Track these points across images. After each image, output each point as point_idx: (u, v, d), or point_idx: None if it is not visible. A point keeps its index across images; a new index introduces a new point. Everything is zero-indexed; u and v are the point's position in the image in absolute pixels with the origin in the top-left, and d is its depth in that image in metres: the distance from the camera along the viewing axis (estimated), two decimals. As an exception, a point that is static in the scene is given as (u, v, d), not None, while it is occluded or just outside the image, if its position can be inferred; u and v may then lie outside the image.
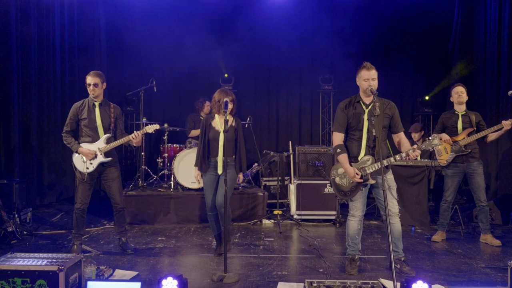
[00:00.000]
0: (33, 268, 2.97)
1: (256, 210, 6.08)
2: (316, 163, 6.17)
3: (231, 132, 4.27)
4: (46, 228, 5.55)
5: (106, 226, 5.66)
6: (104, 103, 4.45)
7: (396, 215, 3.83)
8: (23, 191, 5.71)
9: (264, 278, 3.76)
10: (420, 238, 5.26)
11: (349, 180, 3.83)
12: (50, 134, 6.87)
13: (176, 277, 3.02)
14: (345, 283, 3.07)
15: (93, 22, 7.59)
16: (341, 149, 3.85)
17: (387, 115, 3.83)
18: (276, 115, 8.85)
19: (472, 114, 4.96)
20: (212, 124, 4.33)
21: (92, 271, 3.46)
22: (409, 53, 8.52)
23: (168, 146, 6.74)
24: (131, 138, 4.29)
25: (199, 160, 4.35)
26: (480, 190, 4.88)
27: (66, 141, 4.37)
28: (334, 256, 4.47)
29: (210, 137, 4.29)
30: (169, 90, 8.33)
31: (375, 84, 3.75)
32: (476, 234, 5.26)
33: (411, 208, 5.83)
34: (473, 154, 4.89)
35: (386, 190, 3.37)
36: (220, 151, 4.20)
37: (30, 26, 6.36)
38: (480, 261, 4.30)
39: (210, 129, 4.31)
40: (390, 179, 3.84)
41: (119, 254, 4.44)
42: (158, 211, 5.86)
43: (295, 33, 8.28)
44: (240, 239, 5.16)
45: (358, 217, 3.89)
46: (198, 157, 4.37)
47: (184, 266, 4.11)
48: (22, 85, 6.34)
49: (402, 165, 5.84)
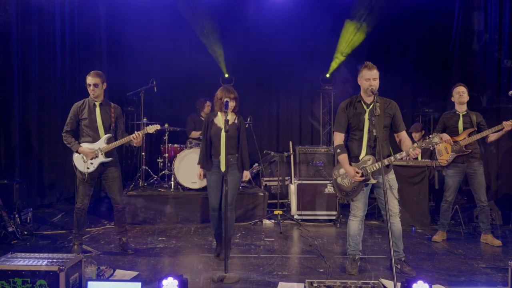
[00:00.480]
0: (33, 268, 2.97)
1: (257, 210, 6.08)
2: (317, 163, 6.17)
3: (233, 130, 4.26)
4: (46, 228, 5.55)
5: (106, 226, 5.66)
6: (105, 103, 4.45)
7: (397, 215, 3.83)
8: (24, 191, 5.71)
9: (265, 278, 3.76)
10: (420, 238, 5.25)
11: (351, 180, 3.83)
12: (51, 134, 6.87)
13: (176, 277, 3.02)
14: (345, 283, 3.07)
15: (94, 22, 7.59)
16: (341, 149, 3.85)
17: (388, 114, 3.83)
18: (276, 115, 8.85)
19: (473, 114, 4.96)
20: (215, 121, 4.32)
21: (93, 271, 3.46)
22: (410, 53, 8.51)
23: (169, 146, 6.74)
24: (132, 138, 4.29)
25: (202, 158, 4.36)
26: (480, 190, 4.87)
27: (66, 141, 4.36)
28: (334, 256, 4.47)
29: (212, 134, 4.28)
30: (169, 90, 8.32)
31: (376, 84, 3.75)
32: (476, 234, 5.26)
33: (412, 208, 5.82)
34: (474, 154, 4.88)
35: (386, 190, 3.37)
36: (222, 149, 4.19)
37: (30, 26, 6.37)
38: (481, 261, 4.30)
39: (212, 126, 4.31)
40: (392, 178, 3.84)
41: (119, 254, 4.44)
42: (158, 211, 5.86)
43: (296, 33, 8.27)
44: (240, 239, 5.16)
45: (359, 217, 3.89)
46: (201, 155, 4.37)
47: (185, 266, 4.11)
48: (22, 85, 6.35)
49: (403, 165, 5.84)
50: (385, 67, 6.12)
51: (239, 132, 4.30)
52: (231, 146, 4.22)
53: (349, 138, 3.93)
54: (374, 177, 3.78)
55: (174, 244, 4.92)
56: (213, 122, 4.32)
